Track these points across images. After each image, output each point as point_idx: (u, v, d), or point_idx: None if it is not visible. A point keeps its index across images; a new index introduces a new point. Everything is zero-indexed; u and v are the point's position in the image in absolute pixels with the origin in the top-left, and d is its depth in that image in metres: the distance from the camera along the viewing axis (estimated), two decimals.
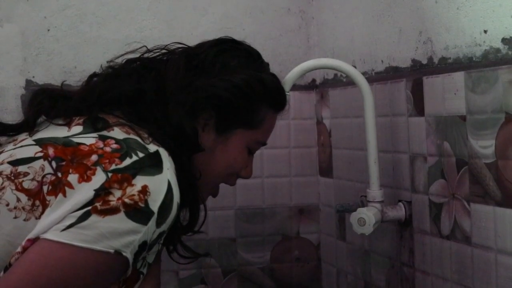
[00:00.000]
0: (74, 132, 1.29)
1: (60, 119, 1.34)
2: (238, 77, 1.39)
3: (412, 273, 1.68)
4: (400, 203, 1.70)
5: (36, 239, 1.19)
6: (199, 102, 1.37)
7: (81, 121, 1.32)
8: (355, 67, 1.92)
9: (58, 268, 1.18)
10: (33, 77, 2.06)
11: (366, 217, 1.63)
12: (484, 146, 1.39)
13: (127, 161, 1.22)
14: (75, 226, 1.17)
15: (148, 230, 1.20)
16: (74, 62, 2.08)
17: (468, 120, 1.43)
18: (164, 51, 1.48)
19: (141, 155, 1.24)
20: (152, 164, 1.23)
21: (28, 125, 1.36)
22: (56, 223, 1.18)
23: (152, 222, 1.20)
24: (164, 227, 1.23)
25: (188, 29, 2.15)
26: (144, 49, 1.48)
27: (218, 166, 1.43)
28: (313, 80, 2.23)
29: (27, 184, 1.23)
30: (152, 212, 1.20)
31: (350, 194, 1.97)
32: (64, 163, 1.22)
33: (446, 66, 1.52)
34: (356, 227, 1.64)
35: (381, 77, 1.79)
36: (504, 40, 1.33)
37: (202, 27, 2.16)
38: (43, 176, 1.22)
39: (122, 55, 1.46)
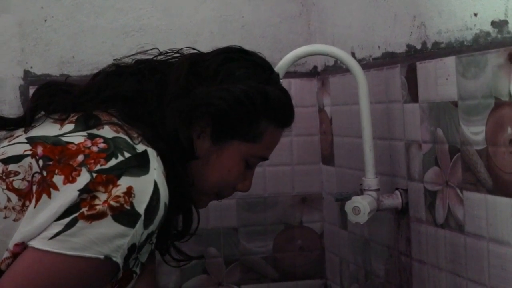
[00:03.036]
0: (65, 130, 1.27)
1: (57, 114, 1.32)
2: (238, 87, 1.36)
3: (409, 262, 1.65)
4: (397, 191, 1.67)
5: (22, 244, 1.18)
6: (195, 110, 1.34)
7: (74, 118, 1.30)
8: (353, 53, 1.90)
9: (49, 277, 1.17)
10: (31, 67, 2.05)
11: (360, 206, 1.60)
12: (475, 132, 1.35)
13: (112, 162, 1.20)
14: (63, 234, 1.16)
15: (136, 233, 1.19)
16: (72, 52, 2.07)
17: (460, 106, 1.40)
18: (176, 55, 1.45)
19: (127, 155, 1.22)
20: (138, 165, 1.21)
21: (25, 120, 1.35)
22: (42, 228, 1.17)
23: (140, 224, 1.19)
24: (152, 228, 1.22)
25: (187, 17, 2.13)
26: (156, 51, 1.45)
27: (211, 176, 1.39)
28: (315, 67, 2.20)
29: (17, 184, 1.22)
30: (138, 214, 1.18)
31: (352, 182, 1.94)
32: (51, 163, 1.21)
33: (438, 50, 1.48)
34: (351, 216, 1.61)
35: (378, 63, 1.76)
36: (493, 23, 1.30)
37: (200, 15, 2.14)
38: (32, 175, 1.21)
39: (132, 55, 1.44)
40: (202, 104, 1.34)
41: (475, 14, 1.34)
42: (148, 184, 1.20)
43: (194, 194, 1.40)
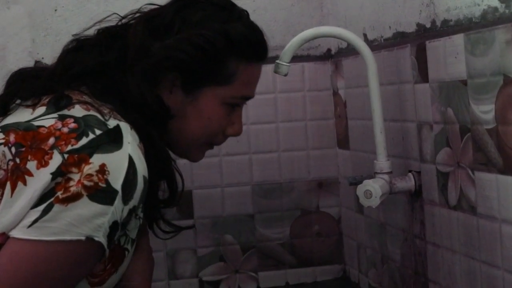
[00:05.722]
0: (37, 114, 1.25)
1: (30, 100, 1.30)
2: (196, 33, 1.32)
3: (423, 245, 1.62)
4: (410, 174, 1.63)
5: (3, 234, 1.16)
6: (157, 68, 1.31)
7: (46, 101, 1.28)
8: (365, 34, 1.87)
9: (33, 265, 1.15)
10: (42, 58, 2.05)
11: (372, 189, 1.57)
12: (485, 111, 1.31)
13: (83, 141, 1.18)
14: (40, 220, 1.14)
15: (116, 210, 1.17)
16: None
17: (469, 85, 1.36)
18: (138, 14, 1.41)
19: (98, 132, 1.19)
20: (111, 141, 1.19)
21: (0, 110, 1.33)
22: (21, 216, 1.16)
23: (118, 200, 1.17)
24: (133, 202, 1.19)
25: None
26: (117, 17, 1.41)
27: (193, 127, 1.37)
28: (328, 50, 2.17)
29: None
30: (115, 191, 1.16)
31: (367, 165, 1.91)
32: (23, 149, 1.19)
33: (447, 28, 1.44)
34: (363, 200, 1.58)
35: (389, 44, 1.72)
36: None
37: None
38: (7, 164, 1.19)
39: (90, 27, 1.41)
40: (162, 59, 1.31)
41: None
42: (122, 159, 1.18)
43: (184, 150, 1.39)
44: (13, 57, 2.04)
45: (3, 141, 1.21)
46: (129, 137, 1.21)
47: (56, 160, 1.16)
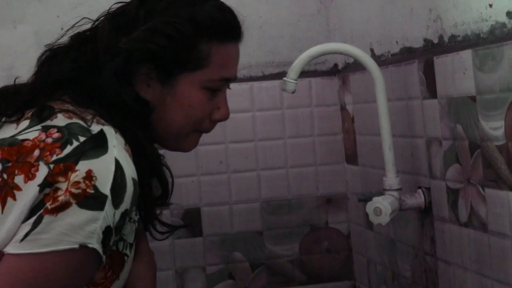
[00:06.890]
0: (21, 128, 1.24)
1: (14, 116, 1.28)
2: (160, 21, 1.30)
3: (434, 262, 1.60)
4: (419, 190, 1.62)
5: None
6: (127, 63, 1.29)
7: (29, 114, 1.26)
8: (372, 49, 1.86)
9: (30, 279, 1.14)
10: None
11: (382, 207, 1.55)
12: (494, 127, 1.30)
13: (68, 149, 1.17)
14: (32, 233, 1.13)
15: (107, 215, 1.15)
16: None
17: (478, 101, 1.35)
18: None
19: (82, 139, 1.18)
20: (95, 146, 1.17)
21: None
22: (13, 232, 1.15)
23: (108, 205, 1.15)
24: (125, 206, 1.18)
25: None
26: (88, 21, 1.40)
27: (176, 117, 1.35)
28: (335, 65, 2.16)
29: None
30: (104, 196, 1.15)
31: (376, 181, 1.90)
32: (10, 164, 1.18)
33: (455, 44, 1.43)
34: (373, 217, 1.57)
35: (397, 59, 1.71)
36: (509, 14, 1.25)
37: None
38: None
39: (62, 35, 1.39)
40: (130, 53, 1.29)
41: (490, 5, 1.30)
42: (108, 163, 1.16)
43: (173, 142, 1.38)
44: (20, 76, 2.03)
45: None
46: (114, 140, 1.20)
47: (42, 171, 1.15)
